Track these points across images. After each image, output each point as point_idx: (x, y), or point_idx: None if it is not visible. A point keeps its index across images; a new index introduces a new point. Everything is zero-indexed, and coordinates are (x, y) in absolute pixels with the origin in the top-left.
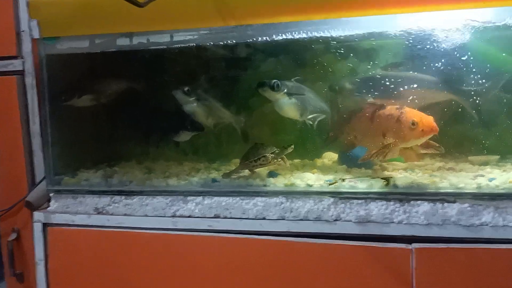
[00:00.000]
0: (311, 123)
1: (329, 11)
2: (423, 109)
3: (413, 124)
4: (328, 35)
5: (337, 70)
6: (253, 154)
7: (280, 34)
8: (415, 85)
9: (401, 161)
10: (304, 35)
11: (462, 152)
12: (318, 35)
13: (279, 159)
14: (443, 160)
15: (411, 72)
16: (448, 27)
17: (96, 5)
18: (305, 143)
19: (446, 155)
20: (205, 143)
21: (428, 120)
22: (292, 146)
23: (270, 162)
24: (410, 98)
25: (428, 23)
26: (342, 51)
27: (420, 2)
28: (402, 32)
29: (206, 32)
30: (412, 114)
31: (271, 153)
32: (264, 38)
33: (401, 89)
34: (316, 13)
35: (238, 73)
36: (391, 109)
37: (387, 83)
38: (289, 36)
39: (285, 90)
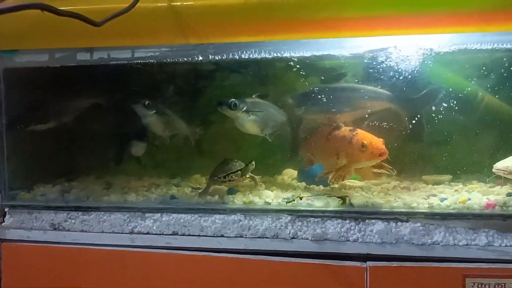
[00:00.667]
0: (269, 139)
1: (288, 32)
2: (376, 128)
3: (363, 146)
4: (288, 54)
5: (296, 87)
6: (222, 170)
7: (241, 53)
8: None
9: (358, 179)
10: (265, 55)
11: (417, 171)
12: (277, 55)
13: (247, 176)
14: (399, 179)
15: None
16: (401, 51)
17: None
18: (265, 160)
19: (401, 174)
20: (166, 159)
21: (377, 143)
22: (253, 163)
23: (239, 179)
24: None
25: (380, 46)
26: (301, 70)
27: (372, 26)
28: (354, 54)
29: (167, 49)
30: (362, 136)
31: (239, 170)
32: (226, 56)
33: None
34: (276, 34)
35: (200, 89)
36: (345, 130)
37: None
38: (250, 55)
39: (244, 108)
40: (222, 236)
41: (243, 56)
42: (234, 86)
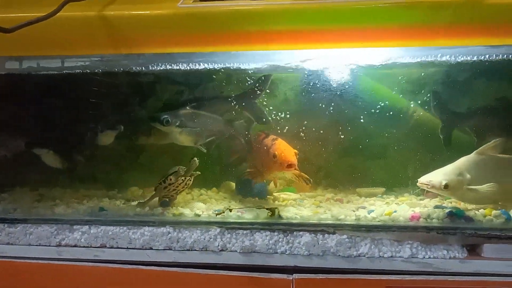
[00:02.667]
0: (202, 149)
1: (220, 44)
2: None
3: (274, 156)
4: (219, 66)
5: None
6: (162, 176)
7: (172, 64)
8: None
9: (293, 192)
10: (197, 66)
11: (352, 184)
12: (209, 66)
13: (189, 178)
14: (334, 191)
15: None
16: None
17: None
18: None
19: (337, 186)
20: (103, 170)
21: (287, 154)
22: (195, 159)
23: (180, 183)
24: None
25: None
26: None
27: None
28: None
29: (97, 59)
30: (276, 146)
31: (175, 172)
32: (157, 67)
33: None
34: (208, 46)
35: (130, 98)
36: (269, 139)
37: None
38: (181, 66)
39: (177, 123)
40: (151, 248)
41: (174, 67)
42: (167, 96)
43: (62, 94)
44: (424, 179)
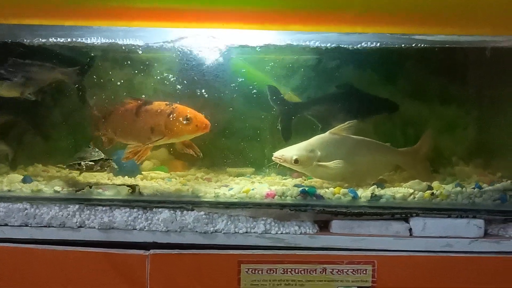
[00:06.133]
0: (31, 98)
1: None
2: None
3: (187, 119)
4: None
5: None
6: (79, 157)
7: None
8: None
9: (164, 171)
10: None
11: (224, 164)
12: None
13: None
14: (205, 171)
15: None
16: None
17: None
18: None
19: (210, 166)
20: None
21: (201, 116)
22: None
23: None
24: None
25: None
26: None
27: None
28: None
29: None
30: (185, 110)
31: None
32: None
33: None
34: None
35: None
36: (160, 105)
37: None
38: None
39: None
40: (6, 225)
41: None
42: None
43: None
44: (278, 154)
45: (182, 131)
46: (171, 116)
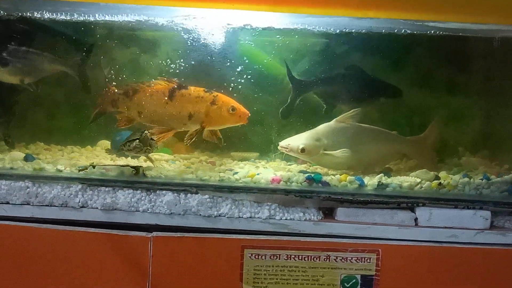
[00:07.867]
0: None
1: None
2: None
3: (233, 109)
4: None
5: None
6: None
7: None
8: None
9: (168, 153)
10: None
11: (229, 148)
12: None
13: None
14: (210, 155)
15: None
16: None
17: None
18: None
19: (214, 150)
20: None
21: (243, 107)
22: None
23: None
24: None
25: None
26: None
27: None
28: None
29: None
30: (229, 100)
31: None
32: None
33: None
34: None
35: None
36: (198, 91)
37: None
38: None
39: None
40: (8, 203)
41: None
42: None
43: None
44: (284, 143)
45: (226, 121)
46: (214, 105)
